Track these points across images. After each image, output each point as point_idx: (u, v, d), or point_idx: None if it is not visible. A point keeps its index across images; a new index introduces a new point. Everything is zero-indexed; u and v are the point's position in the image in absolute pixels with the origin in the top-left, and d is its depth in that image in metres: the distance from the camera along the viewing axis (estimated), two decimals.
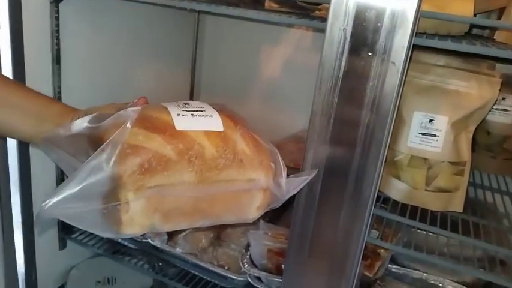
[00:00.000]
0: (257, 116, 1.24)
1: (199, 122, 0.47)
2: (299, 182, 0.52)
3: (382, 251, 0.82)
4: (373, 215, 0.58)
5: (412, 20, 0.47)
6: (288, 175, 0.51)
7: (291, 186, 0.51)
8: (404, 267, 0.88)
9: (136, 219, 0.47)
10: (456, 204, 0.71)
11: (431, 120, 0.70)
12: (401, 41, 0.48)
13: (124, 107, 0.48)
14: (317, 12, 0.75)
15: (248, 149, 0.48)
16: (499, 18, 0.80)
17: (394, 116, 0.51)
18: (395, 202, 0.74)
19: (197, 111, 0.48)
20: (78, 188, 0.42)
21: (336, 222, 0.56)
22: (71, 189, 0.42)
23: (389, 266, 0.88)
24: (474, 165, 0.95)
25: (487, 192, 0.95)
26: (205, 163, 0.46)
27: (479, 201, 0.98)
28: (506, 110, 0.90)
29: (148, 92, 1.12)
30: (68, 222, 0.43)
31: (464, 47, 0.52)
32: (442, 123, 0.69)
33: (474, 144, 0.94)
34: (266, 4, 0.75)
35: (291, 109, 1.19)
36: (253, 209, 0.50)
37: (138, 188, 0.44)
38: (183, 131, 0.46)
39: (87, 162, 0.42)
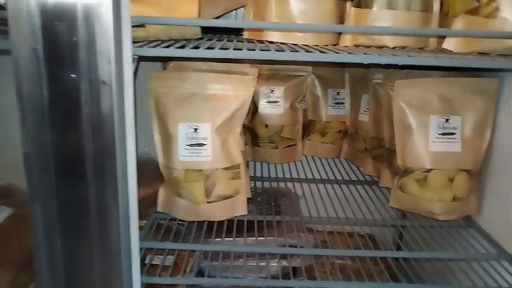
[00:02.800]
0: None
1: None
2: None
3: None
4: (141, 249, 0.51)
5: (112, 29, 0.40)
6: None
7: None
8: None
9: None
10: (240, 208, 0.69)
11: (196, 130, 0.66)
12: (106, 56, 0.40)
13: None
14: None
15: None
16: None
17: (122, 141, 0.44)
18: None
19: None
20: None
21: (93, 281, 0.46)
22: None
23: (200, 282, 0.82)
24: (262, 158, 0.97)
25: (280, 182, 0.99)
26: None
27: (276, 190, 1.02)
28: (276, 102, 0.94)
29: None
30: None
31: (188, 52, 0.48)
32: (206, 130, 0.66)
33: (258, 139, 0.97)
34: None
35: None
36: None
37: None
38: None
39: None
